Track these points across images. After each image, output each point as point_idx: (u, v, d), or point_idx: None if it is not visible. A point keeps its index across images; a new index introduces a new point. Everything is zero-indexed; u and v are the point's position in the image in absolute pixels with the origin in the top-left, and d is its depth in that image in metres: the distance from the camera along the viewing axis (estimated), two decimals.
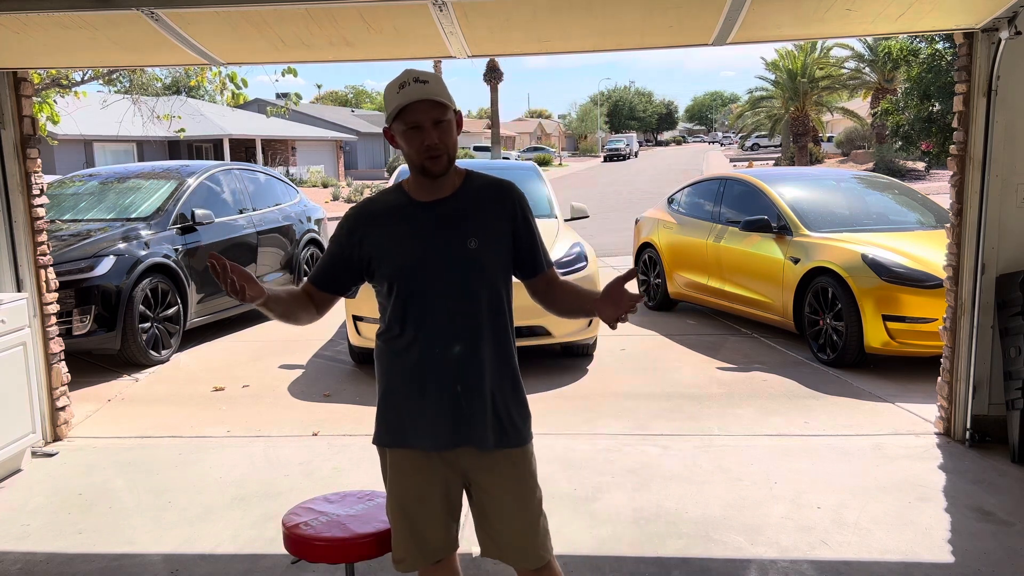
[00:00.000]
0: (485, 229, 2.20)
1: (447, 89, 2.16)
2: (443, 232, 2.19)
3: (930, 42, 22.08)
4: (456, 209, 2.21)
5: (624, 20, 3.95)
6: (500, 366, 2.24)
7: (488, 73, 47.66)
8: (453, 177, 2.24)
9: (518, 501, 2.29)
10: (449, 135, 2.14)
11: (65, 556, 3.52)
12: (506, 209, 2.24)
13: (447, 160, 2.15)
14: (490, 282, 2.21)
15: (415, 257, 2.19)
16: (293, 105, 26.63)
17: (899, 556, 3.34)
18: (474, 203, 2.23)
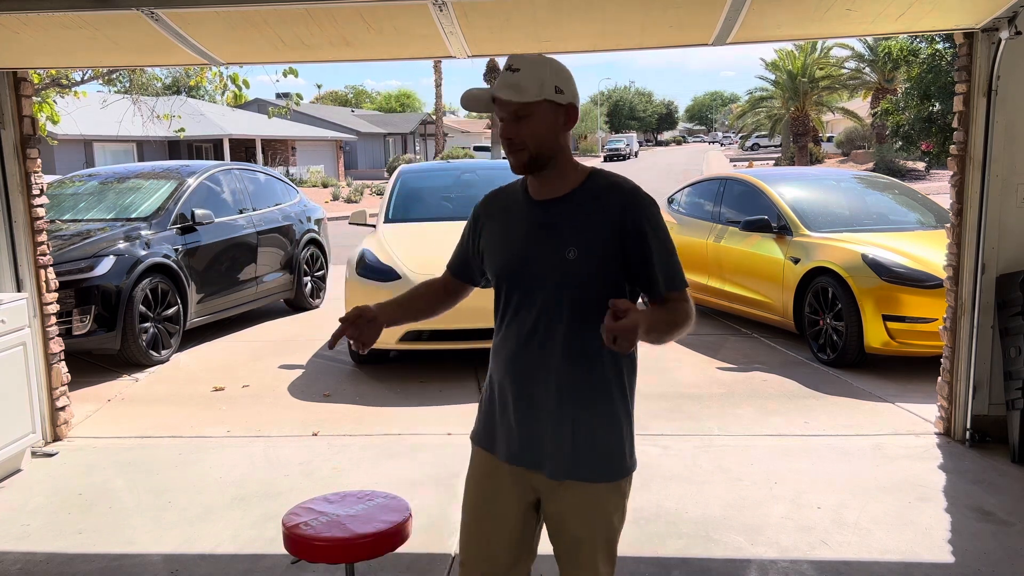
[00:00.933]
0: (588, 238, 1.95)
1: (543, 79, 1.92)
2: (543, 236, 1.99)
3: (930, 42, 22.07)
4: (563, 212, 1.99)
5: (624, 20, 3.95)
6: (580, 390, 1.99)
7: (488, 73, 47.60)
8: (569, 175, 2.01)
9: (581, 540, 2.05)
10: (530, 127, 1.93)
11: (65, 556, 3.52)
12: (614, 215, 1.94)
13: (528, 156, 1.95)
14: (585, 296, 1.96)
15: (514, 258, 2.04)
16: (294, 105, 26.65)
17: (899, 556, 3.34)
18: (585, 207, 1.98)
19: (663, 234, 1.97)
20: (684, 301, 1.98)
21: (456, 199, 7.82)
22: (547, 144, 1.96)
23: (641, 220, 1.94)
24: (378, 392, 5.87)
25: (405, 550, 3.15)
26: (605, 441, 2.01)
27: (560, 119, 1.96)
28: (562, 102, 1.95)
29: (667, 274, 1.96)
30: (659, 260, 1.95)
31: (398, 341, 6.01)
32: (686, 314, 1.96)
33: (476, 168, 8.87)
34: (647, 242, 1.94)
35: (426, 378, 6.18)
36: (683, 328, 1.97)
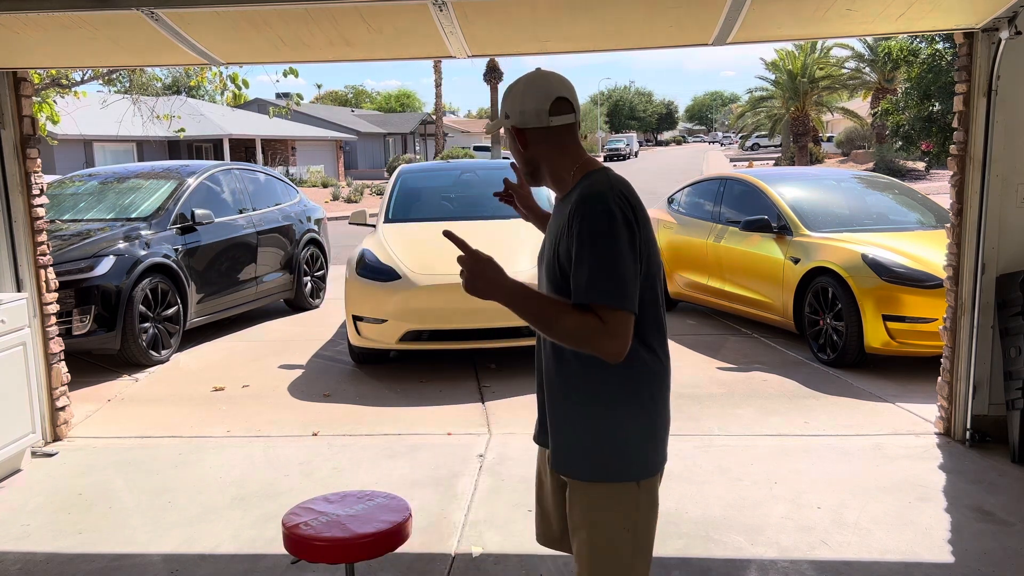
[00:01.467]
0: (553, 241, 2.01)
1: (507, 102, 2.07)
2: (546, 240, 2.12)
3: (930, 42, 22.08)
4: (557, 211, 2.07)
5: (624, 20, 3.95)
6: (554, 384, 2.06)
7: (488, 73, 47.63)
8: (566, 179, 2.06)
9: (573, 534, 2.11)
10: (511, 148, 2.12)
11: (65, 556, 3.52)
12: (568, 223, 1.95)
13: (523, 172, 2.16)
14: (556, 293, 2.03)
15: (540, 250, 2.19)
16: (295, 105, 26.67)
17: (899, 556, 3.34)
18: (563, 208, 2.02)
19: (588, 242, 1.87)
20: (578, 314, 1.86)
21: (456, 199, 7.83)
22: (521, 163, 2.11)
23: (574, 223, 1.90)
24: (378, 392, 5.87)
25: (405, 550, 3.15)
26: (578, 439, 2.01)
27: (515, 141, 2.07)
28: (507, 126, 2.08)
29: (577, 283, 1.88)
30: (576, 267, 1.89)
31: (398, 341, 6.01)
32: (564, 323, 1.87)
33: (476, 168, 8.87)
34: (572, 247, 1.91)
35: (426, 378, 6.18)
36: (544, 327, 1.91)
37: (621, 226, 1.88)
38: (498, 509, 3.87)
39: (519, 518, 3.76)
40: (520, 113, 2.03)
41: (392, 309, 5.95)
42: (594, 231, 1.87)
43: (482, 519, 3.77)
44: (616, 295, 1.85)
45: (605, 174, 2.00)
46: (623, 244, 1.87)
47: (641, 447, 2.01)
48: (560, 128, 2.03)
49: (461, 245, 1.94)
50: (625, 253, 1.87)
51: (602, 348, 1.86)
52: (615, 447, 1.99)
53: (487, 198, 7.83)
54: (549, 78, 2.05)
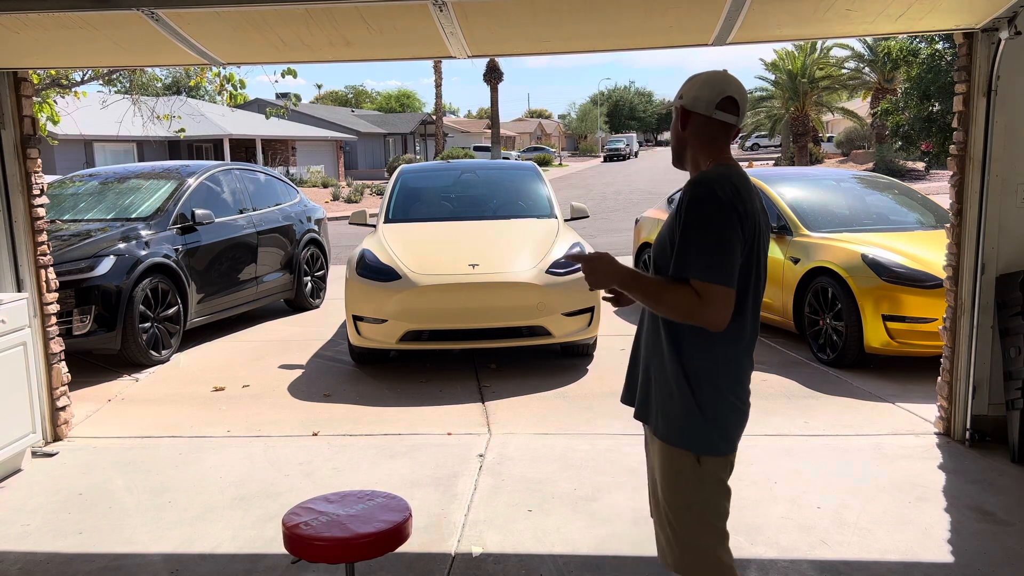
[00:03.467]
0: (672, 225, 2.22)
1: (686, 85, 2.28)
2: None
3: (930, 42, 22.09)
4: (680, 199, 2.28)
5: (624, 20, 3.95)
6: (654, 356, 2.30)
7: (488, 73, 47.67)
8: (694, 171, 2.30)
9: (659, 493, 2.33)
10: (672, 125, 2.36)
11: (65, 556, 3.52)
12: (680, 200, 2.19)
13: (672, 149, 2.37)
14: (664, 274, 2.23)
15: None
16: (293, 105, 26.66)
17: (899, 556, 3.34)
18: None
19: (689, 221, 2.09)
20: (678, 287, 2.10)
21: (456, 199, 7.83)
22: (675, 140, 2.34)
23: (681, 205, 2.13)
24: (378, 392, 5.87)
25: (405, 550, 3.16)
26: (665, 402, 2.26)
27: (678, 120, 2.30)
28: (676, 105, 2.30)
29: (677, 259, 2.12)
30: (679, 244, 2.12)
31: (398, 341, 6.01)
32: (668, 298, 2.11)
33: (476, 168, 8.87)
34: (677, 225, 2.13)
35: (426, 378, 6.18)
36: (656, 304, 2.15)
37: (723, 208, 2.08)
38: (498, 509, 3.87)
39: (519, 518, 3.76)
40: (693, 98, 2.25)
41: (392, 309, 5.95)
42: (695, 211, 2.09)
43: (482, 519, 3.77)
44: (711, 271, 2.06)
45: (727, 167, 2.20)
46: (721, 225, 2.07)
47: (713, 426, 2.24)
48: (719, 123, 2.24)
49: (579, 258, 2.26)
50: (722, 233, 2.07)
51: (702, 318, 2.08)
52: (702, 418, 2.22)
53: (487, 198, 7.84)
54: (729, 79, 2.25)
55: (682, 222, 2.11)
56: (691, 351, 2.21)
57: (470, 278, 5.93)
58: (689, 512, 2.25)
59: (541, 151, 59.49)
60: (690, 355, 2.21)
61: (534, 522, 3.72)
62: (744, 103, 2.26)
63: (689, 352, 2.21)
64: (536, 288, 5.93)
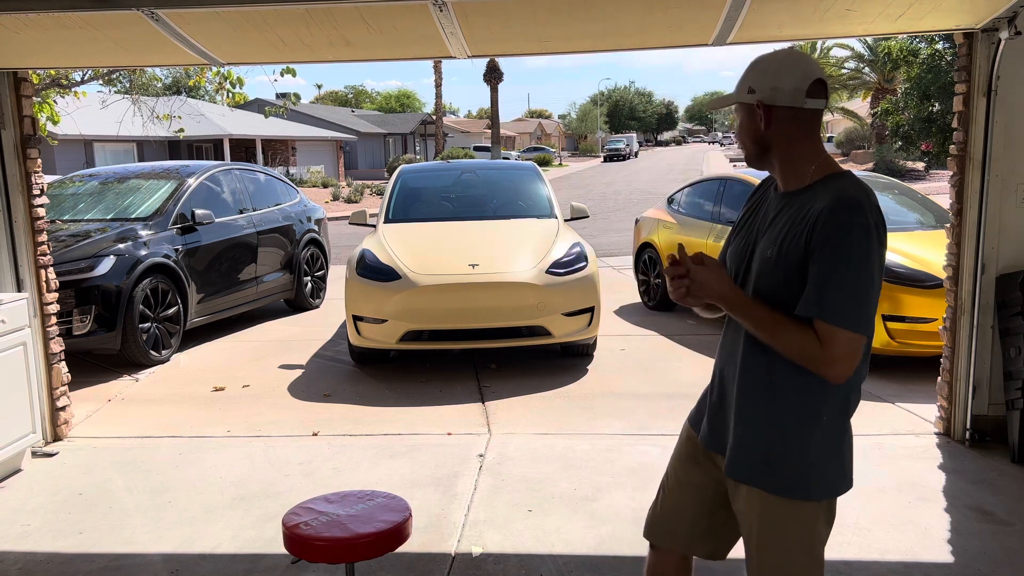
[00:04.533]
0: (787, 240, 1.88)
1: (749, 79, 1.95)
2: (766, 227, 1.98)
3: (930, 42, 22.10)
4: (787, 207, 1.94)
5: (624, 20, 3.95)
6: (754, 390, 1.96)
7: (488, 73, 47.68)
8: (804, 170, 1.94)
9: (750, 549, 2.01)
10: (741, 128, 1.98)
11: (65, 556, 3.52)
12: (810, 231, 1.83)
13: (747, 154, 2.00)
14: (773, 299, 1.89)
15: (740, 241, 2.07)
16: (292, 105, 26.67)
17: (899, 556, 3.34)
18: (802, 206, 1.89)
19: (843, 258, 1.77)
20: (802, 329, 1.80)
21: (456, 199, 7.83)
22: (755, 141, 1.96)
23: (827, 231, 1.79)
24: (378, 392, 5.87)
25: (405, 550, 3.15)
26: (774, 445, 1.92)
27: (756, 118, 1.94)
28: (750, 101, 1.94)
29: (820, 297, 1.79)
30: (820, 280, 1.79)
31: (398, 341, 6.01)
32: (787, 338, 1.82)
33: (476, 168, 8.87)
34: (815, 253, 1.81)
35: (426, 378, 6.18)
36: (769, 339, 1.86)
37: (877, 246, 1.80)
38: (498, 509, 3.87)
39: (519, 518, 3.76)
40: (772, 89, 1.90)
41: (392, 309, 5.95)
42: (852, 248, 1.77)
43: (482, 519, 3.77)
44: (860, 320, 1.79)
45: (858, 181, 1.89)
46: (876, 266, 1.80)
47: (829, 465, 1.94)
48: (812, 113, 1.92)
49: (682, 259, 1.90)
50: (876, 275, 1.80)
51: (824, 369, 1.81)
52: (825, 457, 1.93)
53: (487, 198, 7.84)
54: (808, 59, 1.94)
55: (823, 249, 1.78)
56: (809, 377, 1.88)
57: (470, 278, 5.93)
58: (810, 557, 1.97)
59: (541, 151, 59.50)
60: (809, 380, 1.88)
61: (534, 522, 3.72)
62: (826, 81, 1.95)
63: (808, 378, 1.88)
64: (536, 288, 5.93)
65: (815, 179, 1.91)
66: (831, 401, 1.91)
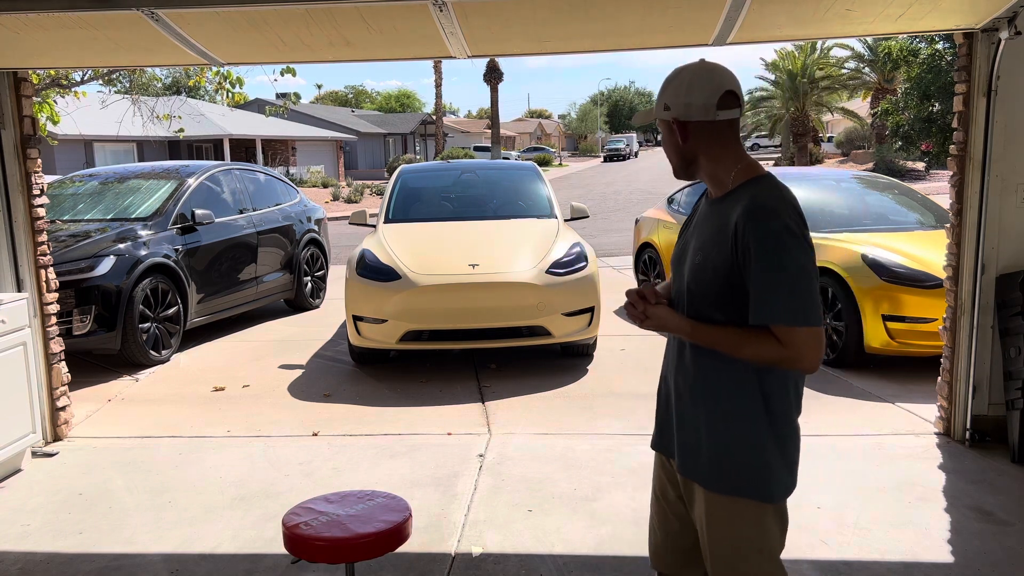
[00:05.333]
0: (711, 246, 1.95)
1: (665, 95, 2.00)
2: (695, 234, 2.07)
3: (930, 42, 22.09)
4: (712, 213, 2.01)
5: (624, 20, 3.95)
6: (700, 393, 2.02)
7: (488, 73, 47.69)
8: (727, 178, 1.99)
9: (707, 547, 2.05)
10: (665, 143, 2.07)
11: (65, 556, 3.52)
12: (736, 232, 1.88)
13: (673, 167, 2.08)
14: (699, 305, 1.98)
15: (678, 249, 2.15)
16: (292, 104, 26.68)
17: (899, 556, 3.34)
18: (723, 212, 1.95)
19: (773, 262, 1.82)
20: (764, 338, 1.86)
21: (456, 199, 7.83)
22: (678, 154, 2.04)
23: (749, 238, 1.85)
24: (378, 392, 5.87)
25: (405, 550, 3.16)
26: (721, 445, 1.98)
27: (675, 134, 2.01)
28: (666, 118, 2.01)
29: (763, 302, 1.85)
30: (761, 286, 1.85)
31: (398, 341, 6.01)
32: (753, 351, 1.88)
33: (476, 168, 8.87)
34: (745, 261, 1.87)
35: (426, 378, 6.18)
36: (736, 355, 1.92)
37: (800, 241, 1.85)
38: (498, 509, 3.87)
39: (519, 518, 3.76)
40: (685, 105, 1.96)
41: (392, 309, 5.95)
42: (780, 253, 1.83)
43: (482, 519, 3.77)
44: (809, 314, 1.84)
45: (775, 183, 1.95)
46: (805, 258, 1.85)
47: (777, 465, 2.03)
48: (726, 123, 1.97)
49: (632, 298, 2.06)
50: (809, 267, 1.86)
51: (797, 366, 1.89)
52: (775, 458, 2.02)
53: (487, 198, 7.84)
54: (717, 70, 1.97)
55: (756, 260, 1.83)
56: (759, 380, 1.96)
57: (470, 278, 5.93)
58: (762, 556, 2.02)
59: (541, 151, 59.51)
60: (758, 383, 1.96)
61: (534, 522, 3.72)
62: (740, 88, 2.00)
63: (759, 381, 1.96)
64: (536, 288, 5.93)
65: (735, 185, 1.97)
66: (776, 401, 2.00)
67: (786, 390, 2.01)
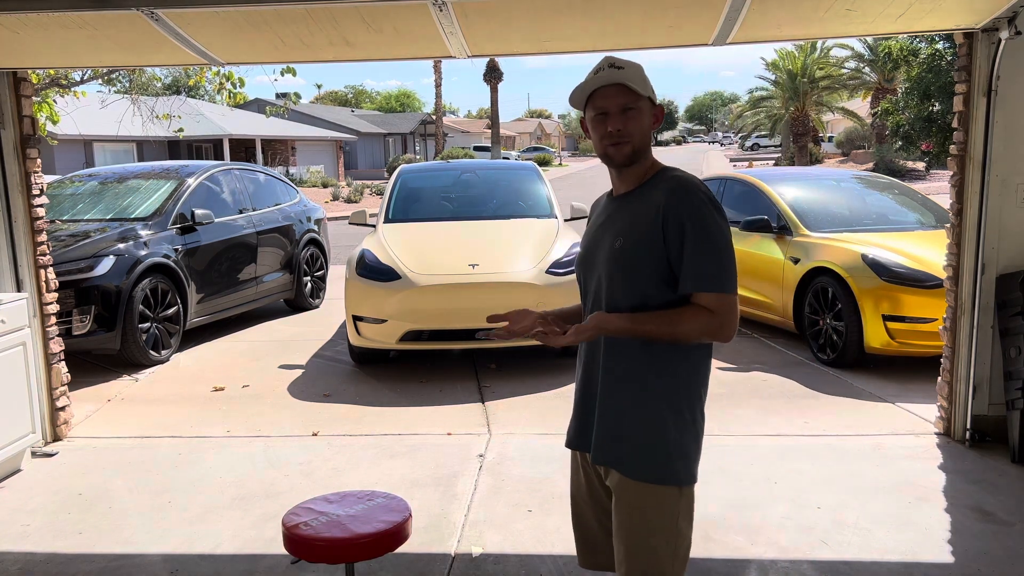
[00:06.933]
0: (634, 228, 2.03)
1: (645, 79, 2.07)
2: (606, 228, 2.13)
3: (930, 42, 22.08)
4: (625, 204, 2.11)
5: (624, 20, 3.95)
6: (622, 379, 2.06)
7: (488, 73, 47.67)
8: (643, 171, 2.12)
9: (619, 534, 2.08)
10: (636, 123, 2.05)
11: (65, 556, 3.52)
12: (659, 213, 1.99)
13: (631, 149, 2.06)
14: (627, 286, 2.04)
15: (586, 250, 2.20)
16: (292, 104, 26.68)
17: (899, 556, 3.34)
18: (642, 199, 2.07)
19: (702, 234, 1.95)
20: (694, 310, 1.96)
21: (456, 199, 7.83)
22: (643, 138, 2.08)
23: (679, 215, 1.97)
24: (378, 392, 5.87)
25: (405, 550, 3.15)
26: (636, 431, 2.05)
27: (651, 118, 2.10)
28: (656, 102, 2.13)
29: (697, 273, 1.96)
30: (692, 257, 1.96)
31: (398, 341, 6.01)
32: (688, 323, 1.96)
33: (476, 168, 8.87)
34: (676, 237, 1.97)
35: (426, 378, 6.18)
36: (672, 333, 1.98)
37: (723, 216, 2.01)
38: (498, 509, 3.87)
39: (519, 518, 3.76)
40: (651, 89, 2.10)
41: (392, 309, 5.95)
42: (708, 222, 1.96)
43: (482, 519, 3.77)
44: (732, 282, 1.98)
45: (682, 171, 2.10)
46: (728, 233, 2.00)
47: (693, 450, 2.11)
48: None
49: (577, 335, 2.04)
50: (730, 241, 2.00)
51: (722, 334, 1.97)
52: (682, 444, 2.07)
53: (487, 198, 7.84)
54: None
55: (689, 232, 1.95)
56: (672, 367, 2.04)
57: (470, 278, 5.93)
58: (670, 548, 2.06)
59: (541, 151, 59.48)
60: (672, 371, 2.04)
61: (534, 522, 3.72)
62: None
63: (671, 368, 2.04)
64: (536, 288, 5.93)
65: (649, 176, 2.11)
66: (688, 392, 2.08)
67: (702, 374, 2.12)
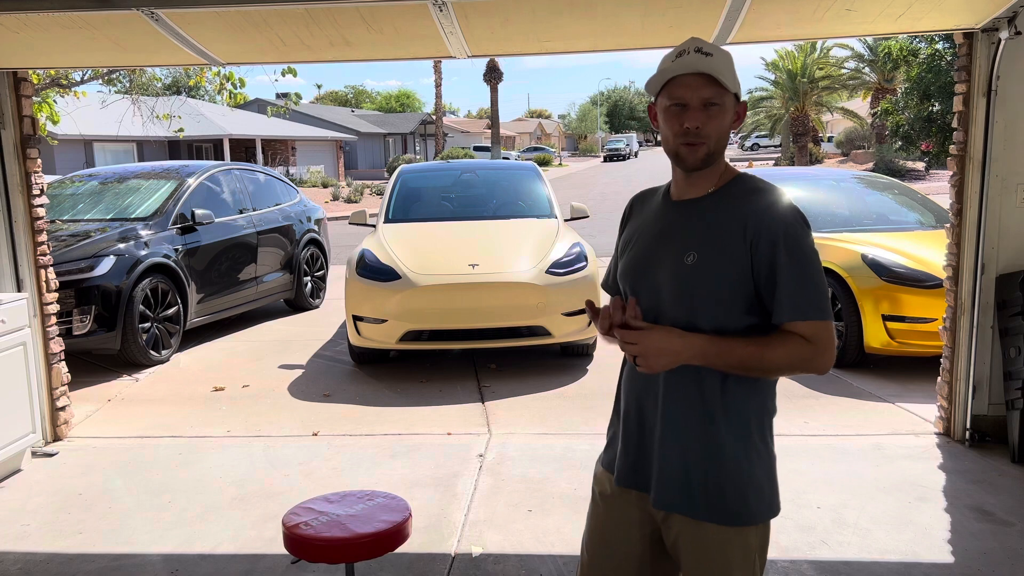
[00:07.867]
0: (712, 244, 1.77)
1: (734, 71, 1.79)
2: (668, 238, 1.85)
3: (930, 42, 22.09)
4: (694, 212, 1.83)
5: (624, 20, 3.95)
6: (686, 411, 1.81)
7: (488, 73, 47.68)
8: (715, 176, 1.84)
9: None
10: (717, 121, 1.77)
11: (65, 556, 3.52)
12: (747, 230, 1.74)
13: (706, 152, 1.78)
14: (702, 310, 1.77)
15: (639, 261, 1.89)
16: (293, 105, 26.71)
17: (899, 556, 3.34)
18: (718, 209, 1.80)
19: (802, 258, 1.73)
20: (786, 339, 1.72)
21: (456, 199, 7.83)
22: (722, 140, 1.81)
23: (774, 235, 1.73)
24: (378, 392, 5.87)
25: (405, 550, 3.16)
26: (709, 470, 1.79)
27: (733, 116, 1.83)
28: (741, 98, 1.85)
29: (793, 300, 1.72)
30: (788, 283, 1.72)
31: (398, 341, 6.01)
32: (778, 354, 1.72)
33: (476, 168, 8.87)
34: (779, 263, 1.73)
35: (426, 378, 6.18)
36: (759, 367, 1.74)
37: (813, 236, 1.80)
38: (498, 509, 3.87)
39: (519, 518, 3.76)
40: (739, 86, 1.81)
41: (392, 309, 5.95)
42: (803, 244, 1.74)
43: (482, 519, 3.77)
44: (825, 310, 1.74)
45: (762, 179, 1.86)
46: (817, 256, 1.78)
47: (767, 482, 1.84)
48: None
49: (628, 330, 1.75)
50: (820, 265, 1.78)
51: (819, 365, 1.74)
52: (760, 479, 1.81)
53: (487, 198, 7.84)
54: None
55: (783, 256, 1.72)
56: (742, 393, 1.80)
57: (470, 278, 5.93)
58: None
59: (541, 151, 59.49)
60: (743, 398, 1.80)
61: (534, 522, 3.72)
62: None
63: (741, 396, 1.80)
64: (536, 288, 5.93)
65: (724, 181, 1.84)
66: (759, 420, 1.82)
67: (771, 396, 1.86)
